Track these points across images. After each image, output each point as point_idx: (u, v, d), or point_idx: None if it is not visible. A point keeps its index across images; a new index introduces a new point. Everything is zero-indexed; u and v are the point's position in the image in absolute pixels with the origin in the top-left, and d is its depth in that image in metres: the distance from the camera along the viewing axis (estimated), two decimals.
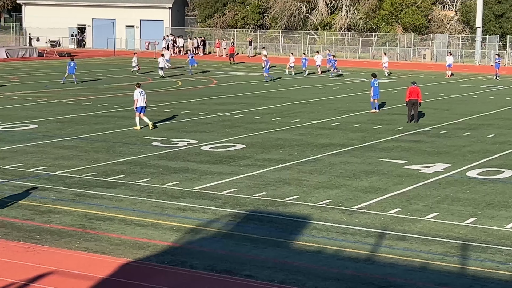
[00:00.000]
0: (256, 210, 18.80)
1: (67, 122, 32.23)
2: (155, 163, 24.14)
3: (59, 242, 15.92)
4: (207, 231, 17.00)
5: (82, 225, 17.19)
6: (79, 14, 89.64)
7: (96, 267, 14.46)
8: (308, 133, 30.81)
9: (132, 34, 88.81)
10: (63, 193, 20.07)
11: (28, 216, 17.88)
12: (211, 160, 24.76)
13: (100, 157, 24.90)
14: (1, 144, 26.78)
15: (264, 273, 14.34)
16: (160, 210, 18.61)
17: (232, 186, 21.15)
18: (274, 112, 37.10)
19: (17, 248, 15.44)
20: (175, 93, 44.67)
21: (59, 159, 24.49)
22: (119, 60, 71.36)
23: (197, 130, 30.84)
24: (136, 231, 16.87)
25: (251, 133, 30.51)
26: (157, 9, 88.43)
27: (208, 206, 19.05)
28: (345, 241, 16.39)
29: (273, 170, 23.52)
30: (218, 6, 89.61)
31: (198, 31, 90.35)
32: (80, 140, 28.09)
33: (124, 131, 30.18)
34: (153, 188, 20.80)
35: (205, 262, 14.89)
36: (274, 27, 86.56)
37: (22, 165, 23.40)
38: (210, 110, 37.00)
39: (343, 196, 20.32)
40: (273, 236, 16.70)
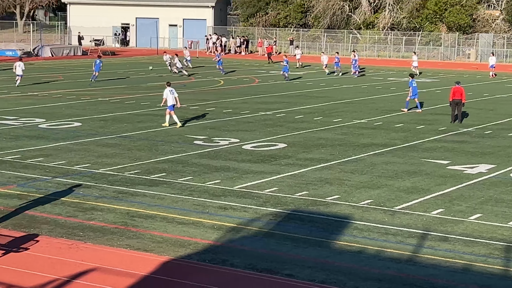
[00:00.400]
0: (297, 209, 18.77)
1: (110, 120, 32.51)
2: (196, 162, 24.23)
3: (102, 239, 16.06)
4: (248, 230, 17.02)
5: (124, 223, 17.33)
6: (123, 13, 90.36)
7: (138, 264, 14.56)
8: (350, 132, 30.67)
9: (175, 33, 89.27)
10: (105, 191, 20.25)
11: (71, 213, 18.08)
12: (253, 159, 24.79)
13: (143, 155, 25.07)
14: (45, 142, 27.11)
15: (305, 272, 14.31)
16: (201, 209, 18.67)
17: (273, 185, 21.15)
18: (316, 111, 37.01)
19: (60, 245, 15.61)
20: (217, 92, 44.80)
21: (102, 157, 24.71)
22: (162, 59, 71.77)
23: (239, 129, 30.89)
24: (178, 229, 16.95)
25: (292, 132, 30.48)
26: (200, 8, 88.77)
27: (249, 205, 19.07)
28: (386, 242, 16.29)
29: (314, 169, 23.47)
30: (261, 5, 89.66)
31: (240, 30, 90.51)
32: (123, 138, 28.32)
33: (166, 130, 30.35)
34: (195, 187, 20.88)
35: (246, 260, 14.91)
36: (317, 26, 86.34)
37: (65, 163, 23.65)
38: (252, 109, 37.04)
39: (385, 196, 20.19)
40: (314, 235, 16.66)
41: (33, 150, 25.51)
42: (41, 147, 26.17)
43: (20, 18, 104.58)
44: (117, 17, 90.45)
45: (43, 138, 27.83)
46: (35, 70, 53.38)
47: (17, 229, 16.63)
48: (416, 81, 38.03)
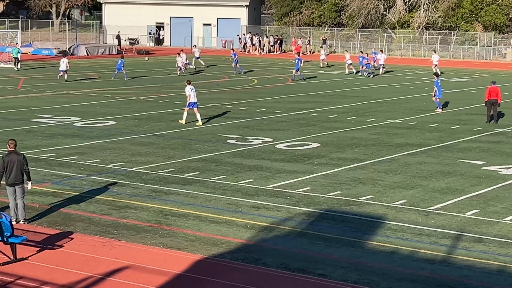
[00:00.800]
0: (330, 209, 18.73)
1: (144, 119, 32.69)
2: (230, 161, 24.27)
3: (135, 237, 16.16)
4: (280, 229, 17.02)
5: (157, 221, 17.41)
6: (157, 13, 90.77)
7: (171, 262, 14.62)
8: (383, 132, 30.53)
9: (209, 32, 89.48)
10: (139, 189, 20.36)
11: (105, 211, 18.20)
12: (286, 159, 24.77)
13: (176, 154, 25.17)
14: (80, 140, 27.33)
15: (338, 272, 14.28)
16: (234, 208, 18.70)
17: (306, 185, 21.11)
18: (350, 111, 36.88)
19: (95, 243, 15.73)
20: (251, 91, 44.83)
21: (136, 155, 24.86)
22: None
23: (272, 128, 30.89)
24: (211, 228, 16.99)
25: (326, 131, 30.40)
26: (234, 8, 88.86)
27: (282, 204, 19.06)
28: (420, 242, 16.19)
29: (347, 169, 23.39)
30: (295, 4, 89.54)
31: (274, 29, 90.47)
32: (157, 137, 28.45)
33: (200, 129, 30.44)
34: (228, 186, 20.92)
35: (279, 260, 14.91)
36: (351, 26, 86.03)
37: (100, 161, 23.83)
38: (285, 109, 37.01)
39: (419, 197, 20.07)
40: (347, 235, 16.61)
41: (68, 148, 25.74)
42: (76, 145, 26.39)
43: (56, 17, 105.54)
44: (152, 16, 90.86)
45: (78, 137, 28.06)
46: (70, 69, 53.79)
47: (52, 227, 16.79)
48: (440, 80, 37.72)
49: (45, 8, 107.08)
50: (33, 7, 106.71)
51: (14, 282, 13.48)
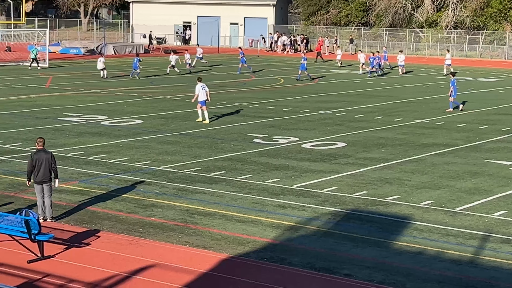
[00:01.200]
0: (356, 209, 18.67)
1: (170, 118, 32.80)
2: (256, 160, 24.28)
3: (161, 236, 16.21)
4: (306, 229, 17.00)
5: (183, 220, 17.46)
6: (184, 12, 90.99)
7: (197, 261, 14.66)
8: (410, 132, 30.38)
9: (236, 32, 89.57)
10: (166, 188, 20.43)
11: (132, 209, 18.29)
12: (312, 158, 24.73)
13: (203, 153, 25.23)
14: (108, 139, 27.48)
15: (363, 272, 14.24)
16: (260, 207, 18.71)
17: (333, 185, 21.07)
18: (377, 110, 36.74)
19: (121, 241, 15.81)
20: (277, 91, 44.81)
21: (162, 154, 24.94)
22: (223, 57, 72.13)
23: (298, 128, 30.85)
24: (237, 227, 17.01)
25: (352, 131, 30.32)
26: (261, 7, 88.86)
27: (308, 204, 19.04)
28: (447, 243, 16.09)
29: (374, 169, 23.31)
30: (322, 3, 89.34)
31: (301, 28, 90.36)
32: (183, 135, 28.53)
33: (226, 128, 30.48)
34: (254, 185, 20.93)
35: (304, 259, 14.89)
36: (378, 25, 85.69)
37: (127, 160, 23.94)
38: (311, 108, 36.95)
39: (446, 197, 19.95)
40: (373, 235, 16.55)
41: (95, 147, 25.89)
42: (103, 144, 26.54)
43: (84, 16, 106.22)
44: (179, 16, 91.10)
45: (105, 135, 28.22)
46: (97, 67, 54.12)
47: (79, 225, 16.90)
48: (456, 80, 37.48)
49: (73, 7, 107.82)
50: (61, 6, 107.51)
51: (41, 280, 13.58)
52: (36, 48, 57.64)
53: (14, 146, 25.64)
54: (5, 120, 31.27)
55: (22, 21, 67.86)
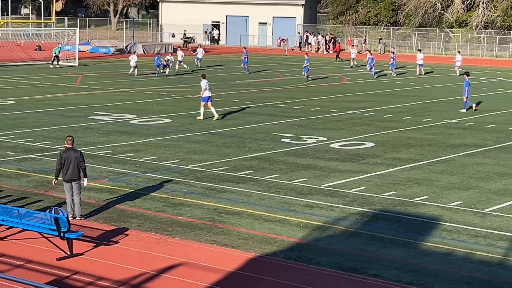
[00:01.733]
0: (384, 209, 18.60)
1: None
2: (284, 159, 24.27)
3: (189, 235, 16.26)
4: (334, 229, 16.96)
5: (211, 219, 17.50)
6: (213, 11, 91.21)
7: (225, 260, 14.68)
8: (440, 132, 30.19)
9: (264, 31, 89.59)
10: (194, 187, 20.48)
11: (160, 208, 18.36)
12: (340, 158, 24.67)
13: (231, 152, 25.26)
14: (136, 138, 27.61)
15: (391, 273, 14.18)
16: (288, 206, 18.69)
17: (361, 185, 21.00)
18: (406, 110, 36.56)
19: (149, 239, 15.88)
20: (306, 90, 44.76)
21: (190, 153, 25.01)
22: (251, 57, 72.16)
23: (326, 128, 30.79)
24: (264, 226, 17.02)
25: (381, 131, 30.20)
26: (290, 6, 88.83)
27: (336, 204, 18.99)
28: (476, 244, 15.97)
29: (402, 169, 23.20)
30: (351, 3, 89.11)
31: (330, 28, 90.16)
32: (211, 135, 28.59)
33: (254, 127, 30.50)
34: (282, 184, 20.92)
35: (332, 259, 14.86)
36: (408, 25, 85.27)
37: (155, 158, 24.04)
38: (340, 108, 36.86)
39: (475, 198, 19.80)
40: (401, 236, 16.48)
41: (124, 146, 26.02)
42: (132, 142, 26.67)
43: (114, 15, 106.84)
44: (208, 15, 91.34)
45: (134, 134, 28.36)
46: (126, 66, 54.40)
47: (108, 223, 17.00)
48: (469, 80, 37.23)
49: (103, 6, 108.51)
50: (91, 5, 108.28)
51: (70, 277, 13.68)
52: (59, 47, 57.97)
53: (44, 145, 25.85)
54: (35, 118, 31.54)
55: (52, 20, 68.38)
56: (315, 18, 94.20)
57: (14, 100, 36.94)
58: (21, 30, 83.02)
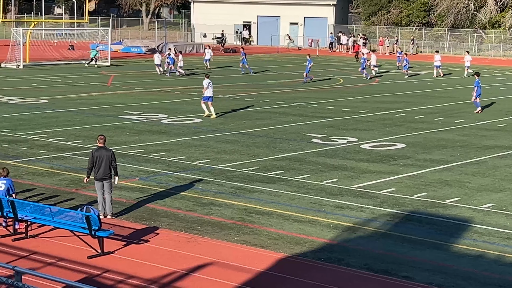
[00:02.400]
0: (415, 210, 18.50)
1: (230, 117, 32.93)
2: (314, 160, 24.23)
3: (219, 234, 16.30)
4: (364, 230, 16.91)
5: (241, 219, 17.52)
6: (245, 11, 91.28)
7: (254, 260, 14.70)
8: (472, 134, 29.96)
9: (295, 31, 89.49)
10: (224, 186, 20.53)
11: (190, 207, 18.42)
12: (371, 159, 24.58)
13: (261, 152, 25.27)
14: (167, 137, 27.73)
15: (422, 275, 14.10)
16: (318, 207, 18.66)
17: (391, 186, 20.91)
18: (437, 111, 36.33)
19: (180, 238, 15.94)
20: (336, 91, 44.65)
21: (221, 153, 25.07)
22: (282, 57, 72.16)
23: (357, 128, 30.69)
24: (294, 226, 17.01)
25: (412, 132, 30.03)
26: (321, 7, 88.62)
27: (366, 205, 18.93)
28: (508, 247, 15.83)
29: (434, 171, 23.06)
30: (383, 3, 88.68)
31: (361, 28, 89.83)
32: (242, 135, 28.63)
33: (285, 127, 30.48)
34: (312, 185, 20.89)
35: (362, 260, 14.82)
36: (440, 25, 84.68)
37: (186, 158, 24.12)
38: (371, 108, 36.73)
39: (507, 200, 19.62)
40: (432, 238, 16.38)
41: (155, 145, 26.15)
42: (162, 142, 26.78)
43: (146, 15, 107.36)
44: (239, 15, 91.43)
45: (165, 133, 28.48)
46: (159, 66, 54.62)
47: (138, 222, 17.10)
48: None
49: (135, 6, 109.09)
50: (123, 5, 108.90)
51: (101, 275, 13.78)
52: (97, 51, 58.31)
53: (76, 143, 26.06)
54: (68, 117, 31.80)
55: (85, 20, 68.91)
56: (346, 19, 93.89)
57: (47, 99, 37.28)
58: (54, 30, 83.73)
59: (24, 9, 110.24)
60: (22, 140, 26.50)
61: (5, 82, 44.97)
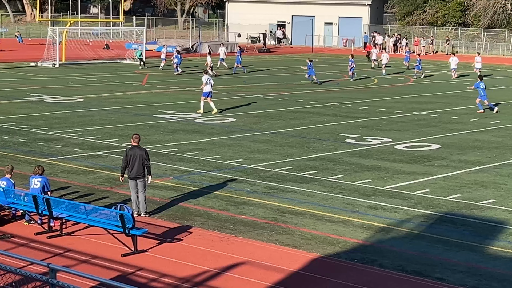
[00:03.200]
0: (449, 212, 18.36)
1: (263, 117, 32.94)
2: (347, 160, 24.15)
3: (252, 234, 16.31)
4: (398, 231, 16.81)
5: (274, 218, 17.51)
6: (279, 11, 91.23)
7: (287, 260, 14.69)
8: (508, 135, 29.65)
9: (330, 31, 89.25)
10: (257, 186, 20.54)
11: (223, 206, 18.46)
12: (405, 159, 24.43)
13: (294, 152, 25.24)
14: (201, 136, 27.81)
15: (456, 276, 13.99)
16: (351, 207, 18.60)
17: (426, 187, 20.77)
18: (473, 112, 36.00)
19: (213, 237, 15.98)
20: (371, 91, 44.45)
21: (254, 152, 25.08)
22: (317, 57, 72.00)
23: (391, 129, 30.53)
24: (327, 227, 16.97)
25: (447, 133, 29.81)
26: (356, 6, 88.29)
27: (400, 206, 18.82)
28: None
29: (469, 172, 22.86)
30: (419, 3, 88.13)
31: (396, 28, 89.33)
32: (276, 134, 28.62)
33: (319, 127, 30.42)
34: (345, 185, 20.82)
35: (395, 262, 14.74)
36: (476, 25, 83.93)
37: (219, 157, 24.17)
38: (405, 109, 36.51)
39: None
40: (466, 239, 16.24)
41: (188, 144, 26.24)
42: (196, 141, 26.87)
43: (181, 15, 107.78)
44: (274, 15, 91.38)
45: (199, 133, 28.57)
46: (193, 66, 54.83)
47: (172, 220, 17.17)
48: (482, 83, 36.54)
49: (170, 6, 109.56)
50: (158, 5, 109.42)
51: (134, 273, 13.86)
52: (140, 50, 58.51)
53: (110, 142, 26.25)
54: (103, 116, 32.04)
55: (120, 19, 69.35)
56: (381, 18, 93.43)
57: (82, 98, 37.59)
58: (90, 29, 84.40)
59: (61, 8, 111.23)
60: (57, 138, 26.75)
61: (41, 80, 45.44)
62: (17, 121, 30.16)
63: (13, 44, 76.18)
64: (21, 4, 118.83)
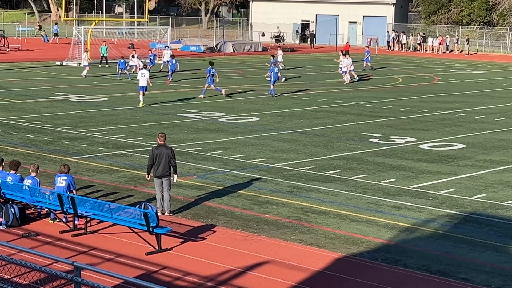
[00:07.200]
0: (474, 212, 18.25)
1: (287, 116, 32.92)
2: (371, 160, 24.09)
3: (275, 233, 16.32)
4: (422, 231, 16.75)
5: (298, 217, 17.51)
6: (303, 10, 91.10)
7: (311, 259, 14.68)
8: None
9: (354, 30, 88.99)
10: (281, 185, 20.54)
11: (247, 205, 18.48)
12: (429, 159, 24.33)
13: (318, 151, 25.21)
14: (225, 135, 27.86)
15: (481, 277, 13.91)
16: (375, 207, 18.55)
17: (450, 186, 20.67)
18: (498, 111, 35.76)
19: (236, 236, 16.01)
20: (395, 90, 44.28)
21: (278, 151, 25.08)
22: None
23: (416, 128, 30.40)
24: (351, 226, 16.94)
25: (472, 132, 29.63)
26: (380, 5, 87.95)
27: (424, 206, 18.74)
28: None
29: (494, 171, 22.72)
30: (444, 2, 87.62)
31: (421, 27, 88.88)
32: (299, 134, 28.60)
33: (343, 127, 30.36)
34: (369, 185, 20.77)
35: (420, 262, 14.69)
36: (502, 24, 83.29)
37: (243, 156, 24.20)
38: (430, 108, 36.34)
39: None
40: (491, 239, 16.15)
41: (212, 143, 26.29)
42: (220, 140, 26.92)
43: (205, 14, 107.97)
44: (298, 14, 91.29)
45: (223, 132, 28.61)
46: (217, 65, 54.78)
47: (196, 219, 17.22)
48: None
49: (195, 5, 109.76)
50: (183, 4, 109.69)
51: (158, 272, 13.92)
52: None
53: (135, 141, 26.36)
54: (127, 115, 32.18)
55: (145, 18, 69.59)
56: (406, 17, 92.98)
57: (107, 97, 37.78)
58: (115, 29, 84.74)
59: (86, 8, 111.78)
60: (82, 137, 26.91)
61: (66, 80, 45.71)
62: (43, 120, 30.38)
63: (39, 43, 76.73)
64: (46, 3, 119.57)
